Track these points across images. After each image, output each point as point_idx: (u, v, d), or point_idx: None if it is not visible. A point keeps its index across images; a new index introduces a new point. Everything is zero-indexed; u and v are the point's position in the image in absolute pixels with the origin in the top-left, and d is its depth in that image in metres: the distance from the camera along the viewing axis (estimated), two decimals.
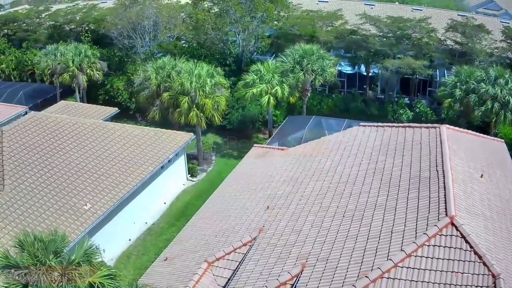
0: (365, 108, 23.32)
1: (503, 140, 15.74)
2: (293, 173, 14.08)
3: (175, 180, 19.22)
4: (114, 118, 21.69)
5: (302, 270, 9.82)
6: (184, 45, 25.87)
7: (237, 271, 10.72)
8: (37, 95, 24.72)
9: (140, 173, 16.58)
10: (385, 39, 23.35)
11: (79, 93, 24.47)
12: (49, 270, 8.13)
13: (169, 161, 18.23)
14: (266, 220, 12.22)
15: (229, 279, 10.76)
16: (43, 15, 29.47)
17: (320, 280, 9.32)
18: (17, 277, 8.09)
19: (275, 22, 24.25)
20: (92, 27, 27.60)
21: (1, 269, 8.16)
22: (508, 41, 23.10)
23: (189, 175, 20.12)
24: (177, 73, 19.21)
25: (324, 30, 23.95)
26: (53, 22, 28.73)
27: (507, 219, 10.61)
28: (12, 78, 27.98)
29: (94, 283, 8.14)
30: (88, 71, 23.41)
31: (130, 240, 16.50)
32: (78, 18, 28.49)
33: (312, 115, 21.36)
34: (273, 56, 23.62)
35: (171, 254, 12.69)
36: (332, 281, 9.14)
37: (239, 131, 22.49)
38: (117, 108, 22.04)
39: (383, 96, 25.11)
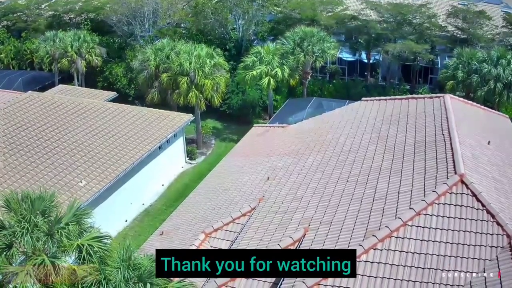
0: (366, 94, 22.89)
1: (507, 116, 15.37)
2: (294, 146, 13.70)
3: (174, 162, 18.82)
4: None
5: (305, 234, 9.38)
6: (183, 31, 25.65)
7: (236, 239, 10.27)
8: (36, 81, 24.41)
9: (138, 152, 16.20)
10: (385, 24, 23.12)
11: (77, 79, 24.20)
12: (35, 229, 7.67)
13: (167, 141, 17.85)
14: (266, 191, 11.81)
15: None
16: (43, 5, 29.38)
17: (324, 242, 8.88)
18: (2, 239, 7.64)
19: (275, 7, 24.03)
20: (92, 16, 27.45)
21: None
22: (509, 26, 22.84)
23: (188, 158, 19.73)
24: (176, 54, 18.93)
25: (325, 15, 23.71)
26: (53, 12, 28.60)
27: None
28: (11, 67, 27.76)
29: (83, 245, 7.66)
30: (87, 56, 23.15)
31: (126, 221, 16.07)
32: (77, 8, 28.36)
33: None
34: (274, 43, 23.35)
35: (168, 228, 12.25)
36: (337, 242, 8.69)
37: (239, 117, 22.14)
38: (115, 92, 21.71)
39: (384, 83, 24.80)
